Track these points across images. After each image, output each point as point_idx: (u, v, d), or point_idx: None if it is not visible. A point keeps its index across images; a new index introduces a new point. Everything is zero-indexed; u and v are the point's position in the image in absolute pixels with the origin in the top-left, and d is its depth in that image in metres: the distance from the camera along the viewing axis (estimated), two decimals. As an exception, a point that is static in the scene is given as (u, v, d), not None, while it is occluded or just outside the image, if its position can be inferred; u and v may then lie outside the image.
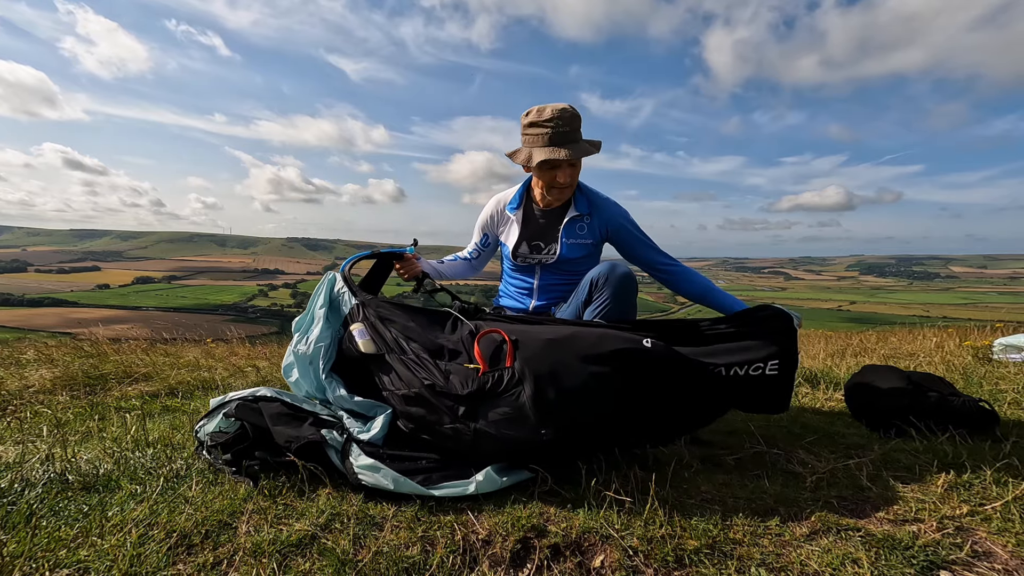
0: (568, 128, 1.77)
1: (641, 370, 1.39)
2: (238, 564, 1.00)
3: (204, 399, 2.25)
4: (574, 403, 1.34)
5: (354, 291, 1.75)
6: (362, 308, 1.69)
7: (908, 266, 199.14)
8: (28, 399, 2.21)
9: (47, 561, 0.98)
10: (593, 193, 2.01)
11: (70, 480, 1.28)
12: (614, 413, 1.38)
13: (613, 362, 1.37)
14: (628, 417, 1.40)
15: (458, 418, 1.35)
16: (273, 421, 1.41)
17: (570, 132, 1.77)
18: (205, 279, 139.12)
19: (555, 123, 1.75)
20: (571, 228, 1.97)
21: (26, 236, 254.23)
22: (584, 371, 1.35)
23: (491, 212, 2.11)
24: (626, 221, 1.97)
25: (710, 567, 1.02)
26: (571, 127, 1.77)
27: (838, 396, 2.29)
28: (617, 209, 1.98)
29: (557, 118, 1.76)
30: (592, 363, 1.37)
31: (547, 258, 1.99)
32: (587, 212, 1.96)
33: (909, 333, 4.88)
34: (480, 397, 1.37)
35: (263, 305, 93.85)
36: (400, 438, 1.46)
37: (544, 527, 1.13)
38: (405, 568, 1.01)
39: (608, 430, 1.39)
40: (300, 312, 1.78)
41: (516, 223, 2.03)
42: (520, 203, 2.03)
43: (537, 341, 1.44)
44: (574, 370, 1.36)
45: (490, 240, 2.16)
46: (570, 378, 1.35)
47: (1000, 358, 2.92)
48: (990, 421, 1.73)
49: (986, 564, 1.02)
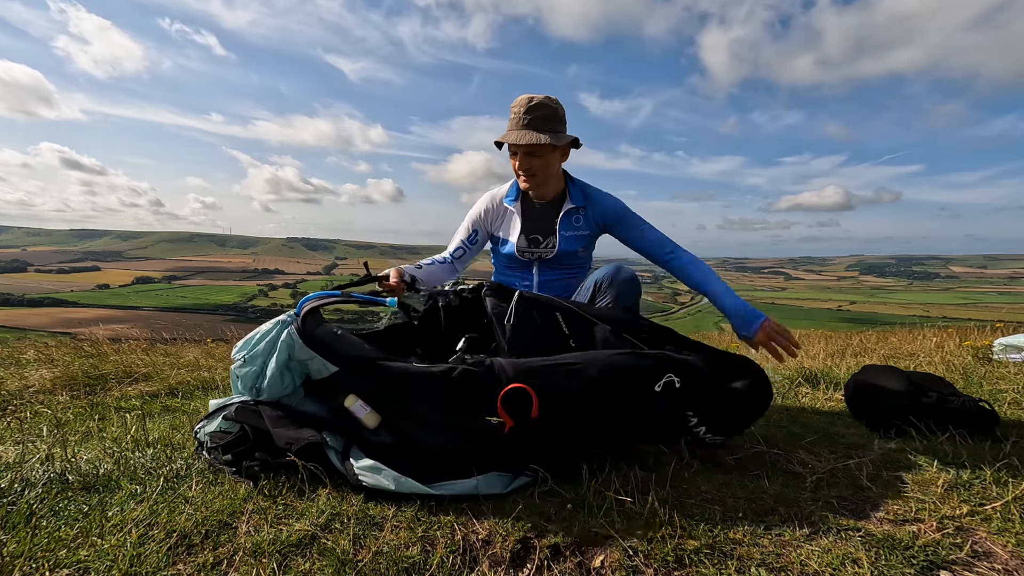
0: (531, 116, 1.78)
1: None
2: (238, 564, 1.00)
3: (204, 399, 2.25)
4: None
5: (333, 356, 1.46)
6: (350, 377, 1.45)
7: (908, 266, 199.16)
8: (28, 399, 2.21)
9: (47, 561, 0.98)
10: (587, 187, 2.01)
11: (70, 480, 1.28)
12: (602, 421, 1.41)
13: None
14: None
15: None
16: (273, 423, 1.40)
17: (532, 120, 1.79)
18: (205, 279, 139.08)
19: (519, 108, 1.80)
20: (568, 220, 1.97)
21: (26, 236, 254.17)
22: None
23: (485, 206, 2.07)
24: (623, 209, 1.97)
25: (710, 567, 1.02)
26: (534, 115, 1.79)
27: (838, 396, 2.29)
28: (612, 200, 1.98)
29: (522, 105, 1.79)
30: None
31: (546, 252, 1.98)
32: (582, 204, 1.97)
33: (909, 333, 4.89)
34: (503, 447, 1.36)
35: (263, 305, 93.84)
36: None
37: (544, 527, 1.13)
38: (405, 568, 1.01)
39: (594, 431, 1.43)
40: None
41: (517, 215, 2.01)
42: (517, 195, 2.02)
43: (565, 392, 1.37)
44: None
45: (479, 237, 2.09)
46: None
47: (1000, 358, 2.92)
48: (990, 421, 1.73)
49: (986, 564, 1.02)
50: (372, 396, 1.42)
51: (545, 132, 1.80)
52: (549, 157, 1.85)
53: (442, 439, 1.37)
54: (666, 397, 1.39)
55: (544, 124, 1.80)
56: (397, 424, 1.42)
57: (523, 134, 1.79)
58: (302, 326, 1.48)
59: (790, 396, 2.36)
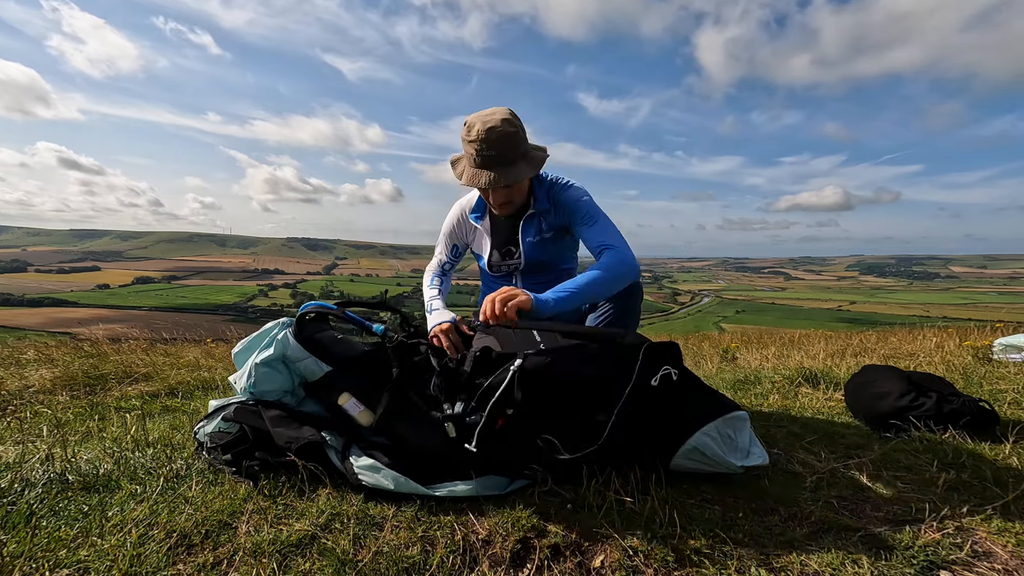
0: (495, 151, 1.57)
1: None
2: (238, 564, 1.00)
3: (204, 399, 2.25)
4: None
5: (328, 356, 1.48)
6: (344, 375, 1.45)
7: (908, 266, 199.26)
8: (28, 399, 2.21)
9: (47, 561, 0.98)
10: (555, 185, 1.81)
11: (70, 480, 1.28)
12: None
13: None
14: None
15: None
16: (273, 423, 1.40)
17: (497, 155, 1.58)
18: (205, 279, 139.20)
19: (480, 145, 1.57)
20: (528, 227, 1.83)
21: (26, 236, 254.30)
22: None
23: (456, 220, 1.98)
24: (575, 203, 1.76)
25: (710, 567, 1.02)
26: (498, 149, 1.57)
27: (838, 396, 2.29)
28: (573, 193, 1.78)
29: (483, 139, 1.56)
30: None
31: (519, 263, 1.89)
32: (547, 208, 1.79)
33: (909, 333, 4.89)
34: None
35: (263, 305, 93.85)
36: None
37: (544, 527, 1.13)
38: (405, 568, 1.01)
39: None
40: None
41: (485, 233, 1.91)
42: (484, 211, 1.90)
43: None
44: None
45: (460, 250, 2.02)
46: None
47: (1000, 358, 2.92)
48: (990, 421, 1.73)
49: (986, 564, 1.02)
50: (366, 395, 1.42)
51: (518, 162, 1.61)
52: (522, 183, 1.70)
53: (438, 437, 1.36)
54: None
55: (512, 152, 1.60)
56: (391, 424, 1.41)
57: (497, 176, 1.59)
58: (298, 329, 1.50)
59: (790, 396, 2.36)
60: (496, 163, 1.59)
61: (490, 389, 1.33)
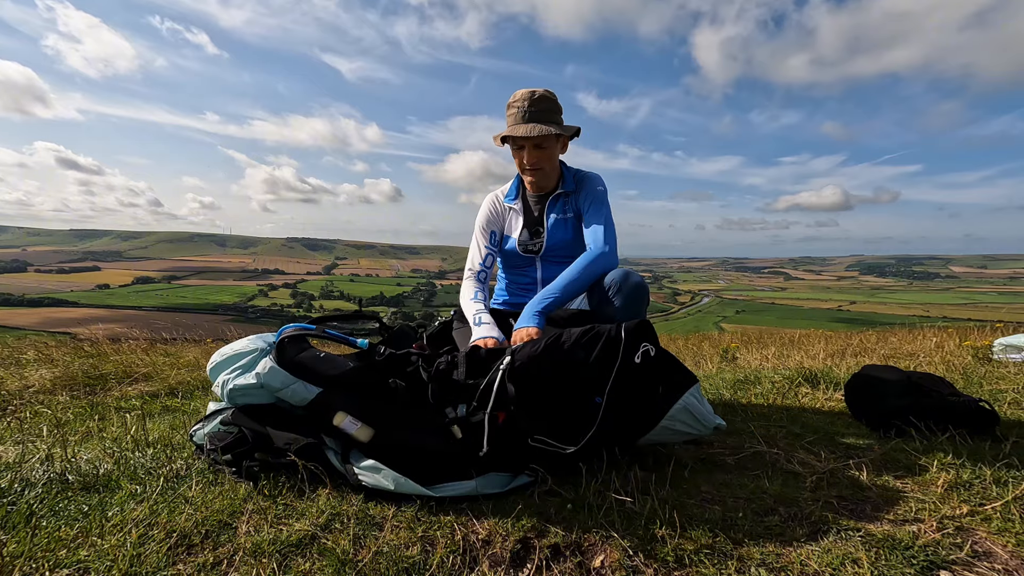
0: (535, 108, 1.81)
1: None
2: (238, 564, 1.00)
3: (204, 399, 2.25)
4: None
5: (315, 377, 1.42)
6: (335, 395, 1.40)
7: (908, 266, 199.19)
8: (28, 399, 2.21)
9: (47, 561, 0.98)
10: (580, 171, 2.04)
11: (70, 480, 1.28)
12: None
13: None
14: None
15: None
16: (273, 425, 1.40)
17: (536, 112, 1.81)
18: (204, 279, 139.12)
19: (523, 103, 1.82)
20: (555, 205, 2.00)
21: (26, 236, 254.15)
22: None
23: (490, 206, 2.10)
24: (591, 191, 1.96)
25: (710, 567, 1.02)
26: (538, 108, 1.81)
27: (838, 396, 2.29)
28: (593, 179, 2.00)
29: (524, 99, 1.82)
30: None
31: (541, 244, 2.00)
32: (573, 190, 1.99)
33: (909, 333, 4.89)
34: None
35: (263, 305, 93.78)
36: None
37: (544, 527, 1.13)
38: (405, 568, 1.01)
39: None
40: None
41: (518, 212, 2.05)
42: (517, 194, 2.06)
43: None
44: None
45: (498, 237, 2.10)
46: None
47: (1000, 358, 2.92)
48: (990, 421, 1.73)
49: (986, 564, 1.02)
50: (361, 409, 1.38)
51: (551, 123, 1.83)
52: (553, 149, 1.90)
53: (437, 439, 1.36)
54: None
55: (549, 116, 1.84)
56: (391, 436, 1.38)
57: (532, 127, 1.80)
58: (279, 354, 1.44)
59: (790, 396, 2.36)
60: (536, 118, 1.82)
61: (487, 387, 1.36)
